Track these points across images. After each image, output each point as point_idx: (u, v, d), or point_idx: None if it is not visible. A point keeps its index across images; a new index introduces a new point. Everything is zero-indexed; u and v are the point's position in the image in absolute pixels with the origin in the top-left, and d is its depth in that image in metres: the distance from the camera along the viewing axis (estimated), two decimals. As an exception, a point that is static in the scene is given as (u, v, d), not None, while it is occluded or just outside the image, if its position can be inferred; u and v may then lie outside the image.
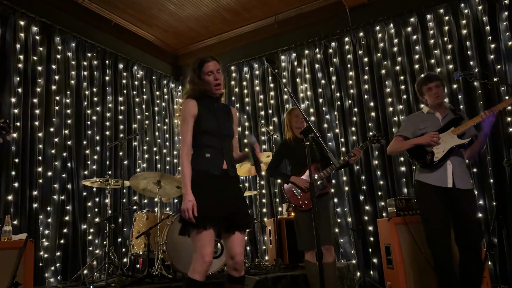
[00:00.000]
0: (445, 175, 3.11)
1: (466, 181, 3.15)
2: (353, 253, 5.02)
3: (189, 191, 2.33)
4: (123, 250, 5.30)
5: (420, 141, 3.20)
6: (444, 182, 3.09)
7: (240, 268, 2.40)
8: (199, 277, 2.29)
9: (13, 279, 2.92)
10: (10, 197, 4.20)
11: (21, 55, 4.61)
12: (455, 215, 3.08)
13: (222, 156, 2.47)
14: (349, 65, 5.51)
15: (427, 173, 3.17)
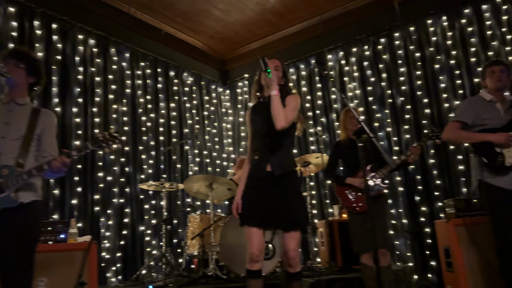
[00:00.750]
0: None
1: None
2: (409, 255, 4.86)
3: (238, 192, 2.61)
4: (179, 251, 5.47)
5: (492, 139, 2.93)
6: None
7: (293, 264, 2.48)
8: (249, 266, 2.49)
9: (79, 278, 3.10)
10: (74, 201, 4.47)
11: (80, 67, 4.90)
12: None
13: (266, 159, 2.55)
14: (400, 61, 5.35)
15: (496, 175, 2.92)
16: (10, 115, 2.37)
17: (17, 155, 2.27)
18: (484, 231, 3.47)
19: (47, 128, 2.43)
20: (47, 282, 3.03)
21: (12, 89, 2.42)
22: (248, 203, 2.55)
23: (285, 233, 2.51)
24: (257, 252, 2.48)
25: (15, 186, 2.20)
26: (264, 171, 2.54)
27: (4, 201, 2.18)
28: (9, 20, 4.27)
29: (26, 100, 2.46)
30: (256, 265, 2.48)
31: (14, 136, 2.31)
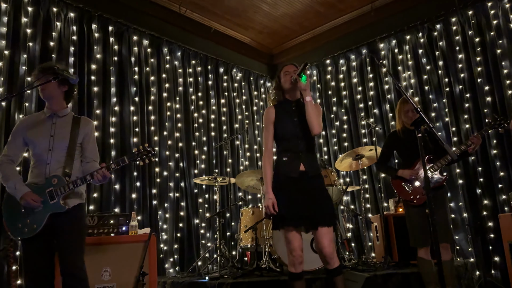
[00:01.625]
0: None
1: None
2: (471, 250, 4.63)
3: (269, 190, 2.60)
4: (232, 244, 5.58)
5: None
6: None
7: (330, 261, 2.50)
8: (293, 269, 2.53)
9: (141, 269, 3.26)
10: (134, 195, 4.69)
11: (135, 67, 5.10)
12: None
13: (299, 159, 2.61)
14: (457, 47, 5.08)
15: None
16: (54, 128, 2.62)
17: (64, 164, 2.54)
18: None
19: (88, 135, 2.69)
20: (111, 272, 3.20)
21: (50, 102, 2.66)
22: (283, 204, 2.56)
23: (318, 231, 2.52)
24: (300, 252, 2.54)
25: (63, 194, 2.48)
26: (297, 171, 2.60)
27: (54, 206, 2.47)
28: (69, 25, 4.54)
29: (66, 111, 2.71)
30: (300, 267, 2.54)
31: (59, 148, 2.57)
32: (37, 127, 2.62)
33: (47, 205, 2.47)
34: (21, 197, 2.45)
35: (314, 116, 2.60)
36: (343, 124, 6.09)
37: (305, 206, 2.53)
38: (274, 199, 2.56)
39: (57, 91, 2.64)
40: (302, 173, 2.60)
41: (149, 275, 3.32)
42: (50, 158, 2.54)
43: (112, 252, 3.24)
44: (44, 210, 2.47)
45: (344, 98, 6.13)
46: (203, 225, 5.37)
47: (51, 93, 2.62)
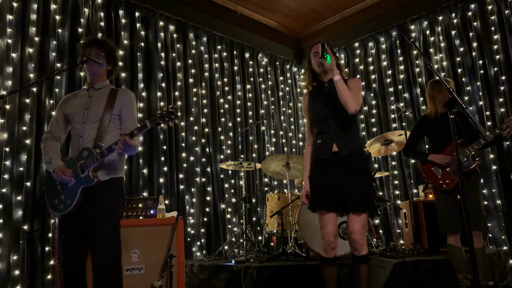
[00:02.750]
0: None
1: None
2: (504, 238, 4.48)
3: (305, 179, 2.62)
4: (258, 229, 5.61)
5: None
6: None
7: (358, 247, 2.45)
8: (324, 254, 2.53)
9: (169, 251, 3.32)
10: (162, 180, 4.76)
11: (162, 53, 5.13)
12: None
13: (331, 140, 2.54)
14: (493, 27, 4.84)
15: None
16: (90, 101, 2.56)
17: (95, 137, 2.45)
18: None
19: (125, 106, 2.57)
20: (140, 254, 3.27)
21: (92, 77, 2.59)
22: (317, 188, 2.54)
23: (350, 214, 2.47)
24: (333, 238, 2.50)
25: (93, 166, 2.37)
26: (330, 152, 2.53)
27: (84, 180, 2.38)
28: (97, 11, 4.59)
29: (104, 84, 2.63)
30: (332, 252, 2.51)
31: (93, 120, 2.49)
32: (75, 101, 2.58)
33: (78, 178, 2.39)
34: (53, 170, 2.41)
35: (346, 94, 2.48)
36: (372, 108, 5.96)
37: (337, 189, 2.47)
38: (308, 188, 2.58)
39: (104, 68, 2.60)
40: (335, 154, 2.53)
41: (177, 257, 3.36)
42: (83, 131, 2.48)
43: (141, 235, 3.29)
44: (76, 184, 2.39)
45: (373, 82, 5.98)
46: (229, 210, 5.41)
47: (98, 68, 2.56)
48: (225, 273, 3.65)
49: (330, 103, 2.58)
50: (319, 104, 2.63)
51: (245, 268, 3.50)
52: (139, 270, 3.22)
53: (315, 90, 2.71)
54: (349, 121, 2.59)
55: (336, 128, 2.56)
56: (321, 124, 2.61)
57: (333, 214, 2.51)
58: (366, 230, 2.50)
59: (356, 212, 2.45)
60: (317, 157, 2.61)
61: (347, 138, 2.55)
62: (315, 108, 2.65)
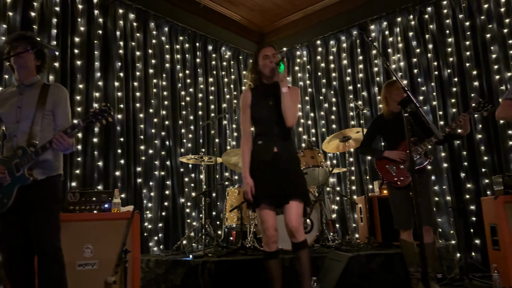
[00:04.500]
0: None
1: None
2: (453, 233, 4.71)
3: (247, 174, 2.66)
4: (218, 223, 5.59)
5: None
6: None
7: (296, 234, 2.56)
8: (267, 248, 2.61)
9: (123, 246, 3.23)
10: (118, 173, 4.63)
11: (121, 42, 4.97)
12: None
13: (273, 143, 2.64)
14: (448, 31, 5.05)
15: None
16: (21, 98, 2.51)
17: (28, 135, 2.43)
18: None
19: (58, 102, 2.55)
20: (93, 249, 3.17)
21: (21, 71, 2.53)
22: (256, 185, 2.62)
23: (287, 204, 2.58)
24: (274, 232, 2.60)
25: (27, 165, 2.36)
26: (271, 154, 2.63)
27: (20, 179, 2.38)
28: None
29: (34, 79, 2.58)
30: (274, 246, 2.61)
31: (25, 118, 2.46)
32: (6, 100, 2.53)
33: (14, 178, 2.39)
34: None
35: (289, 108, 2.60)
36: (332, 106, 6.06)
37: (276, 184, 2.59)
38: (252, 183, 2.63)
39: (32, 63, 2.56)
40: (276, 155, 2.64)
41: (132, 252, 3.29)
42: (17, 130, 2.46)
43: (94, 229, 3.20)
44: (12, 184, 2.39)
45: (334, 80, 6.08)
46: (188, 204, 5.35)
47: (27, 63, 2.52)
48: (182, 268, 3.61)
49: (276, 107, 2.66)
50: (264, 106, 2.69)
51: (203, 263, 3.47)
52: (92, 266, 3.14)
53: (258, 90, 2.76)
54: (289, 127, 2.70)
55: (279, 132, 2.67)
56: (265, 126, 2.70)
57: (273, 208, 2.62)
58: (302, 219, 2.62)
59: (294, 201, 2.56)
60: (257, 157, 2.69)
61: (287, 143, 2.70)
62: (260, 109, 2.71)
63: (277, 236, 2.63)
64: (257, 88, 2.78)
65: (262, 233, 2.67)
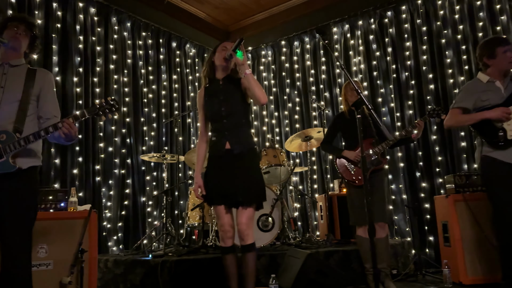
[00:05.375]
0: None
1: None
2: (408, 230, 4.89)
3: (197, 174, 2.71)
4: (180, 222, 5.54)
5: (490, 116, 2.90)
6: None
7: (244, 237, 2.59)
8: (223, 243, 2.66)
9: (80, 246, 3.16)
10: (75, 171, 4.50)
11: (81, 36, 4.82)
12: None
13: (225, 138, 2.65)
14: (406, 35, 5.23)
15: (497, 150, 2.90)
16: (4, 78, 2.32)
17: (15, 120, 2.23)
18: (483, 207, 3.49)
19: (45, 87, 2.38)
20: (48, 249, 3.08)
21: (7, 52, 2.37)
22: (210, 183, 2.66)
23: (238, 208, 2.60)
24: (228, 228, 2.64)
25: (13, 151, 2.17)
26: (223, 150, 2.65)
27: (2, 166, 2.15)
28: (8, -14, 4.19)
29: (21, 61, 2.41)
30: (230, 241, 2.64)
31: (11, 100, 2.26)
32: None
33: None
34: None
35: (258, 87, 2.59)
36: (296, 106, 6.14)
37: (227, 184, 2.60)
38: (200, 183, 2.68)
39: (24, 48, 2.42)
40: (227, 152, 2.64)
41: (89, 252, 3.22)
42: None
43: (50, 229, 3.10)
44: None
45: (298, 80, 6.17)
46: (150, 203, 5.27)
47: (21, 46, 2.38)
48: (141, 268, 3.56)
49: (225, 101, 2.67)
50: (214, 102, 2.70)
51: (163, 262, 3.44)
52: (46, 266, 3.06)
53: (210, 87, 2.77)
54: (242, 120, 2.70)
55: (230, 126, 2.66)
56: (216, 122, 2.71)
57: (227, 207, 2.65)
58: (252, 222, 2.65)
59: (242, 206, 2.59)
60: (211, 154, 2.73)
61: (240, 137, 2.67)
62: (210, 106, 2.72)
63: (232, 231, 2.65)
64: (211, 85, 2.78)
65: (218, 229, 2.70)
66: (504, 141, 2.88)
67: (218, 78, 2.76)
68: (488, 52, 3.02)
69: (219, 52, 2.72)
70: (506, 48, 2.97)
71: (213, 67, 2.76)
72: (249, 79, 2.58)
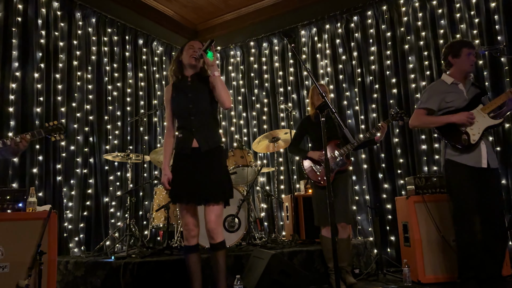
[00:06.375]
0: (479, 156, 2.99)
1: (495, 159, 3.09)
2: (371, 230, 5.02)
3: (165, 166, 2.70)
4: (144, 223, 5.44)
5: (454, 120, 3.01)
6: (478, 162, 2.99)
7: (213, 235, 2.59)
8: (186, 242, 2.66)
9: (38, 248, 3.05)
10: (35, 170, 4.34)
11: (43, 31, 4.66)
12: (483, 193, 2.99)
13: (192, 135, 2.64)
14: (371, 40, 5.37)
15: (461, 153, 3.02)
16: None
17: None
18: (442, 208, 3.63)
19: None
20: (4, 251, 2.96)
21: None
22: (176, 181, 2.65)
23: (206, 206, 2.60)
24: (193, 227, 2.64)
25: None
26: (190, 148, 2.64)
27: None
28: (-37, -24, 4.00)
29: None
30: (194, 240, 2.64)
31: None
32: None
33: None
34: None
35: (224, 90, 2.62)
36: (264, 106, 6.18)
37: (194, 182, 2.59)
38: (169, 175, 2.66)
39: None
40: (194, 150, 2.64)
41: (48, 254, 3.12)
42: None
43: (6, 230, 2.99)
44: None
45: (266, 81, 6.20)
46: (113, 204, 5.15)
47: None
48: (103, 270, 3.47)
49: (193, 99, 2.67)
50: (182, 99, 2.70)
51: (125, 264, 3.37)
52: (2, 269, 2.95)
53: (179, 84, 2.76)
54: (210, 118, 2.71)
55: (198, 124, 2.66)
56: (183, 119, 2.70)
57: (192, 205, 2.65)
58: (221, 220, 2.67)
59: (211, 203, 2.58)
60: (177, 151, 2.71)
61: (207, 135, 2.67)
62: (178, 102, 2.71)
63: (196, 231, 2.65)
64: (179, 81, 2.77)
65: (182, 227, 2.68)
66: (467, 145, 3.00)
67: (186, 75, 2.75)
68: (453, 51, 3.14)
69: (186, 51, 2.71)
70: (471, 51, 3.10)
71: (180, 65, 2.76)
72: (217, 82, 2.61)
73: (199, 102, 2.66)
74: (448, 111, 3.11)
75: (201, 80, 2.72)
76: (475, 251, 2.94)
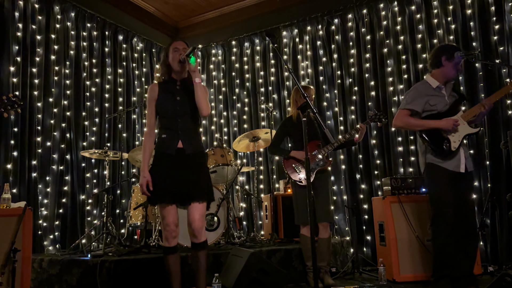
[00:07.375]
0: (458, 160, 3.07)
1: (471, 162, 3.18)
2: (347, 230, 5.10)
3: (144, 168, 2.63)
4: (121, 221, 5.38)
5: (440, 126, 3.06)
6: (457, 167, 3.06)
7: (197, 235, 2.61)
8: (167, 243, 2.64)
9: (12, 245, 2.98)
10: (9, 166, 4.23)
11: (20, 24, 4.54)
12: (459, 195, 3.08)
13: (178, 137, 2.65)
14: (351, 42, 5.45)
15: (441, 158, 3.09)
16: None
17: None
18: (417, 209, 3.73)
19: None
20: (-25, 249, 2.88)
21: None
22: (158, 181, 2.62)
23: (190, 205, 2.61)
24: (174, 227, 2.62)
25: None
26: (174, 148, 2.64)
27: None
28: None
29: None
30: (174, 241, 2.64)
31: None
32: None
33: None
34: None
35: (203, 98, 2.64)
36: (244, 106, 6.19)
37: (179, 182, 2.59)
38: (148, 178, 2.60)
39: None
40: (179, 150, 2.64)
41: (22, 251, 3.04)
42: None
43: (-22, 227, 2.91)
44: None
45: (247, 81, 6.21)
46: (89, 202, 5.06)
47: None
48: (79, 268, 3.42)
49: (182, 102, 2.68)
50: (170, 100, 2.69)
51: (102, 262, 3.32)
52: (-27, 267, 2.84)
53: (166, 85, 2.75)
54: (195, 122, 2.75)
55: (183, 127, 2.67)
56: (170, 120, 2.69)
57: (174, 205, 2.63)
58: (204, 219, 2.68)
59: (196, 202, 2.59)
60: (161, 151, 2.69)
61: (192, 139, 2.70)
62: (165, 103, 2.70)
63: (177, 231, 2.64)
64: (166, 82, 2.76)
65: (162, 228, 2.66)
66: (448, 151, 3.08)
67: (175, 79, 2.75)
68: (448, 54, 3.13)
69: (172, 54, 2.70)
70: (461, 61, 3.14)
71: (169, 69, 2.74)
72: (197, 88, 2.63)
73: (186, 106, 2.67)
74: (431, 114, 3.16)
75: (190, 84, 2.70)
76: (450, 250, 3.02)
